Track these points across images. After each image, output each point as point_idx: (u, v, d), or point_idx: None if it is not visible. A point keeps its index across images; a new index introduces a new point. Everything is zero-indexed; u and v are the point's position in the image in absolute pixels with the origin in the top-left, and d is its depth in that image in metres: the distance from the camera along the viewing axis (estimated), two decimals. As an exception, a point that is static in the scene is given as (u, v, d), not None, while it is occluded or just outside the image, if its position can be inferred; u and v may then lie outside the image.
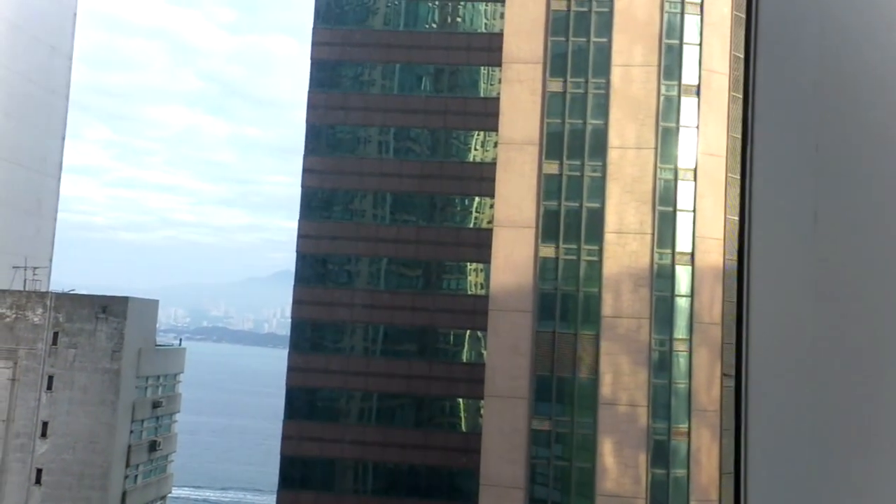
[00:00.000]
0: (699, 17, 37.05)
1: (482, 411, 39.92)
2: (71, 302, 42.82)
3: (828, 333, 1.28)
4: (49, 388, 41.43)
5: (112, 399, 41.30)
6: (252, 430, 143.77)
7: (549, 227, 36.98)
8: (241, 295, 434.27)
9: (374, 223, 47.25)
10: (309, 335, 47.38)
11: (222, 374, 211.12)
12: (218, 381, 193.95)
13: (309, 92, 48.71)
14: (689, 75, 36.94)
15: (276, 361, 79.13)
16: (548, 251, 36.86)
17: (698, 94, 36.83)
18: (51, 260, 52.52)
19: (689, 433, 35.21)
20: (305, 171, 48.19)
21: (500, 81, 41.83)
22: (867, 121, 1.33)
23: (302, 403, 46.70)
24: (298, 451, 45.78)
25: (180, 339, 60.24)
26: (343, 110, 47.97)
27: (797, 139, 1.38)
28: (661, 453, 35.23)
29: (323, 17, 48.77)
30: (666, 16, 37.16)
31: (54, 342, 41.75)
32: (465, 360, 45.23)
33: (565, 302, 36.73)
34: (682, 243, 36.03)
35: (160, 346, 47.78)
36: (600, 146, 36.96)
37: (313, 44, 48.88)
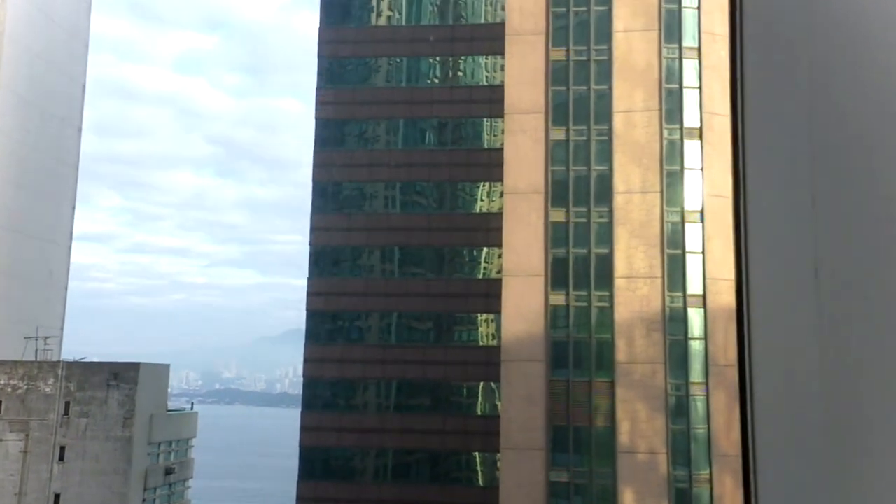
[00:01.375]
0: (697, 61, 37.46)
1: (499, 464, 39.25)
2: (82, 370, 42.65)
3: (830, 353, 1.25)
4: (61, 458, 41.00)
5: (124, 467, 40.80)
6: (266, 493, 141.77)
7: (558, 274, 36.85)
8: (252, 356, 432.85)
9: (382, 278, 47.22)
10: (321, 393, 46.97)
11: (235, 436, 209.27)
12: (231, 445, 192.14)
13: (314, 151, 49.24)
14: (690, 118, 37.18)
15: (289, 421, 78.41)
16: (558, 299, 36.66)
17: (701, 136, 37.01)
18: (62, 329, 52.54)
19: (711, 480, 34.46)
20: (313, 228, 48.40)
21: (503, 132, 42.21)
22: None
23: (316, 463, 46.06)
24: (315, 513, 44.98)
25: (192, 403, 59.84)
26: (349, 167, 48.40)
27: (791, 192, 1.38)
28: (683, 501, 34.45)
29: (326, 77, 49.56)
30: (664, 61, 37.59)
31: (66, 412, 41.46)
32: (479, 413, 44.66)
33: (578, 349, 36.38)
34: (693, 286, 35.80)
35: (172, 410, 47.38)
36: (606, 192, 37.04)
37: (318, 104, 49.58)
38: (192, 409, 52.31)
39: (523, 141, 38.26)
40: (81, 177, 55.37)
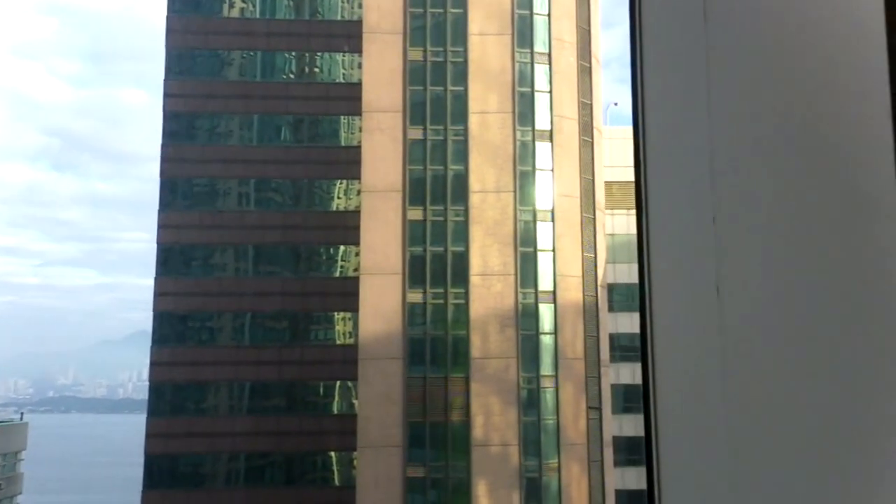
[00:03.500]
0: (548, 66, 38.94)
1: (355, 463, 39.18)
2: None
3: (732, 344, 1.31)
4: None
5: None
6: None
7: (415, 272, 37.26)
8: (92, 360, 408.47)
9: (236, 277, 45.92)
10: (169, 398, 45.06)
11: (72, 446, 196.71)
12: (67, 455, 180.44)
13: (162, 145, 47.15)
14: (541, 121, 38.60)
15: (134, 428, 74.66)
16: (415, 296, 37.06)
17: (551, 138, 38.51)
18: None
19: (559, 468, 35.94)
20: (161, 226, 46.34)
21: (360, 130, 42.15)
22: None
23: (163, 471, 44.13)
24: (161, 523, 43.08)
25: (21, 413, 55.75)
26: (200, 163, 46.70)
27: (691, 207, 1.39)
28: (533, 490, 35.72)
29: (174, 68, 47.59)
30: (517, 65, 38.82)
31: None
32: (336, 412, 44.34)
33: (435, 346, 36.93)
34: (544, 282, 37.20)
35: None
36: (462, 191, 37.81)
37: (165, 96, 47.50)
38: (21, 419, 48.69)
39: (381, 139, 38.39)
40: None
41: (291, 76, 48.35)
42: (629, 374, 49.96)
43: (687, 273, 1.37)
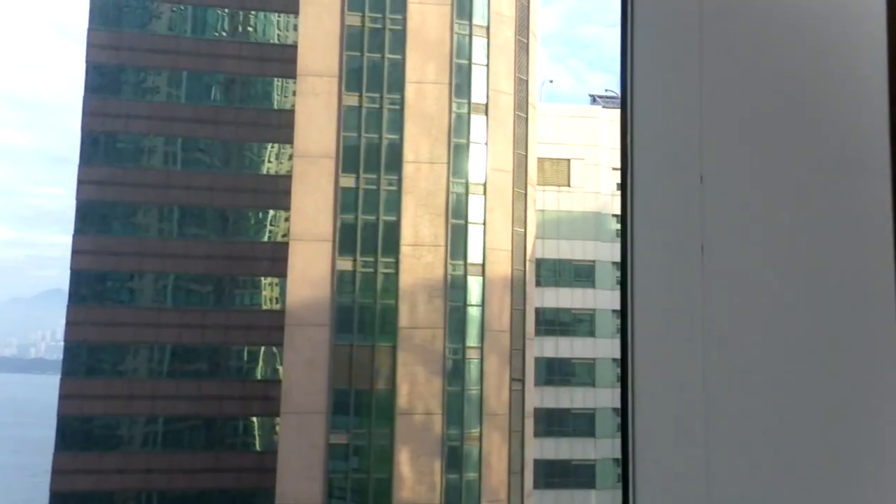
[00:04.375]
0: (486, 39, 38.98)
1: (278, 429, 39.05)
2: None
3: (714, 330, 1.29)
4: None
5: None
6: (15, 467, 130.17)
7: (346, 240, 37.09)
8: (1, 318, 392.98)
9: (160, 238, 44.79)
10: (85, 358, 43.88)
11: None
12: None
13: (85, 97, 45.37)
14: (478, 94, 38.70)
15: (46, 389, 72.44)
16: (345, 264, 36.94)
17: (487, 112, 38.68)
18: None
19: (480, 437, 36.63)
20: (81, 182, 44.74)
21: (294, 94, 41.43)
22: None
23: (77, 433, 43.07)
24: (73, 486, 42.10)
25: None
26: (125, 118, 45.17)
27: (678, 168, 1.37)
28: (454, 459, 36.34)
29: (99, 18, 45.71)
30: (456, 37, 38.73)
31: None
32: (259, 378, 43.99)
33: (363, 315, 36.96)
34: (474, 255, 37.57)
35: None
36: (396, 160, 37.70)
37: (89, 45, 45.62)
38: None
39: (315, 104, 37.85)
40: None
41: (224, 34, 47.05)
42: (552, 347, 51.07)
43: (671, 245, 1.35)
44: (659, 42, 1.41)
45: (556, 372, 51.05)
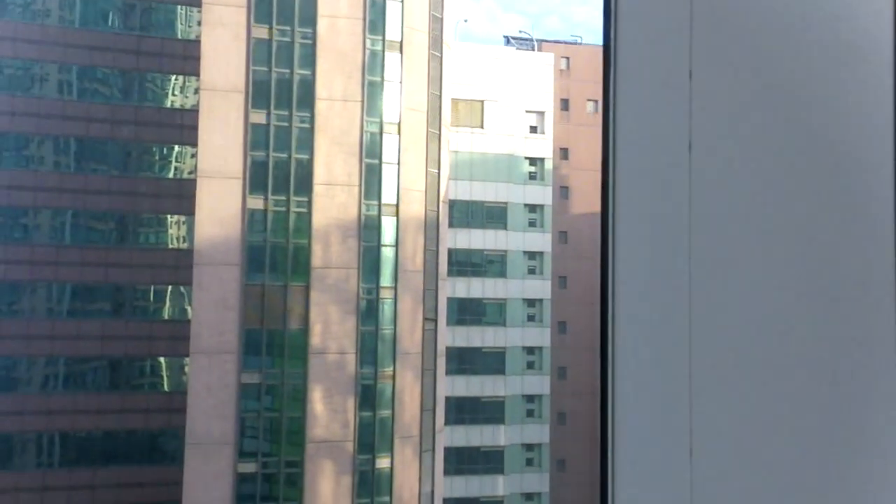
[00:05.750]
0: (401, -26, 38.14)
1: (187, 369, 38.50)
2: None
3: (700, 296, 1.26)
4: None
5: None
6: None
7: (256, 178, 36.26)
8: None
9: (56, 172, 42.64)
10: (-24, 298, 41.88)
11: None
12: None
13: (-33, 18, 42.14)
14: (392, 31, 38.00)
15: (-68, 329, 68.68)
16: (256, 203, 36.19)
17: (401, 50, 38.09)
18: None
19: (394, 376, 37.16)
20: (-34, 110, 41.89)
21: (199, 23, 39.64)
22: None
23: (-31, 375, 41.36)
24: (-32, 429, 40.60)
25: None
26: (12, 41, 42.27)
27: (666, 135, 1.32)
28: (368, 397, 36.81)
29: (-18, -70, 42.25)
30: (370, -30, 37.74)
31: None
32: (167, 318, 43.03)
33: (275, 254, 36.47)
34: (388, 195, 37.43)
35: None
36: (308, 97, 36.82)
37: (-29, -39, 42.20)
38: None
39: (223, 35, 36.37)
40: None
41: (122, -45, 44.30)
42: (465, 288, 51.81)
43: (658, 253, 1.31)
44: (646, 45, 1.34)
45: (467, 312, 51.93)
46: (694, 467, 1.25)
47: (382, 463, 36.58)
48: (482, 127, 52.29)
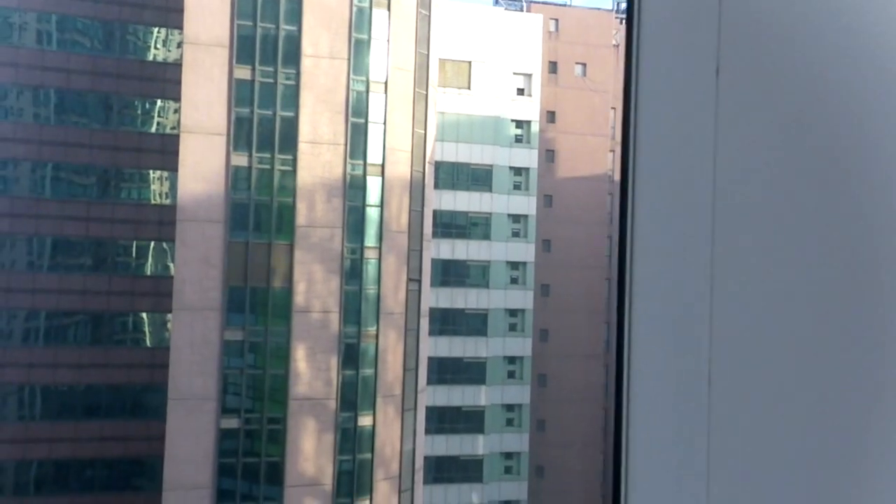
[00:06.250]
0: (390, -71, 37.41)
1: (169, 325, 38.42)
2: None
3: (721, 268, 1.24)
4: None
5: None
6: None
7: (241, 134, 35.86)
8: None
9: (35, 123, 41.92)
10: (-45, 250, 41.42)
11: None
12: None
13: (-57, -37, 40.98)
14: (380, -12, 37.40)
15: (-90, 281, 67.91)
16: (240, 160, 35.84)
17: (389, 7, 37.52)
18: None
19: (377, 335, 37.30)
20: (-57, 59, 40.97)
21: (183, -26, 38.75)
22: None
23: (-51, 327, 41.10)
24: (-52, 381, 40.46)
25: None
26: (-10, -11, 41.23)
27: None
28: (351, 356, 36.98)
29: None
30: (359, -76, 36.99)
31: None
32: (149, 274, 42.79)
33: (259, 212, 36.24)
34: (373, 155, 37.17)
35: None
36: (294, 53, 36.28)
37: None
38: None
39: (207, -13, 35.64)
40: None
41: None
42: (449, 249, 51.84)
43: (679, 254, 1.28)
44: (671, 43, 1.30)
45: (451, 273, 52.03)
46: (711, 469, 1.24)
47: (364, 421, 36.90)
48: (469, 88, 51.83)
